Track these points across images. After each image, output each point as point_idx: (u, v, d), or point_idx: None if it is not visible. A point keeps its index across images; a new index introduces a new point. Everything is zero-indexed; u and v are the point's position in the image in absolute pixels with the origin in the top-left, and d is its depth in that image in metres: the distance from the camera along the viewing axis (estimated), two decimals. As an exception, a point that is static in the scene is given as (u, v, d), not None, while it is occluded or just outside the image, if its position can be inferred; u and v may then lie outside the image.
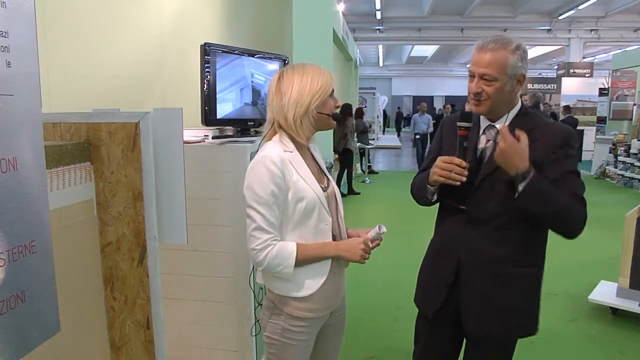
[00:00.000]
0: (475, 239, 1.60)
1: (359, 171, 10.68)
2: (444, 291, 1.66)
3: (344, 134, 8.20)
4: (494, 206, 1.55)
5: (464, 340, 1.77)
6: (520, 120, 1.57)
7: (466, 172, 1.51)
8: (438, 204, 1.75)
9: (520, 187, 1.46)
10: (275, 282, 1.53)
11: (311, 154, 1.63)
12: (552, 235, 1.60)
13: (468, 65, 1.64)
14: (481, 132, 1.62)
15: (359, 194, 8.54)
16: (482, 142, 1.61)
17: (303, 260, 1.48)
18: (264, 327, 1.59)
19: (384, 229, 1.54)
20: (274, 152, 1.46)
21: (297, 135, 1.50)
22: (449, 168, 1.52)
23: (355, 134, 9.30)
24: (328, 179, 1.63)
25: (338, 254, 1.53)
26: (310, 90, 1.47)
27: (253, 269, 1.83)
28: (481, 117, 1.62)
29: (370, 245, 1.54)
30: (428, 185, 1.62)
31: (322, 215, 1.51)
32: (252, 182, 1.44)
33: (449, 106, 13.95)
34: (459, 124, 1.57)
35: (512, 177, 1.46)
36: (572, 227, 1.52)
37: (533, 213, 1.50)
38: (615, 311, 3.57)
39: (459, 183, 1.52)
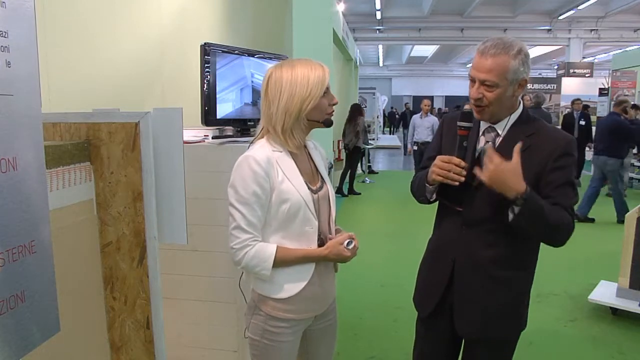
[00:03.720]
0: (470, 241, 1.60)
1: (359, 171, 10.68)
2: (439, 292, 1.67)
3: (356, 132, 8.23)
4: (489, 209, 1.54)
5: (462, 341, 1.77)
6: (521, 124, 1.56)
7: (464, 172, 1.50)
8: (437, 204, 1.75)
9: (517, 210, 1.43)
10: (257, 281, 1.53)
11: (308, 153, 1.60)
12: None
13: (468, 66, 1.64)
14: (480, 133, 1.61)
15: (359, 194, 8.54)
16: (482, 143, 1.60)
17: (283, 264, 1.46)
18: (247, 327, 1.57)
19: (352, 244, 1.53)
20: (260, 152, 1.43)
21: (286, 145, 1.46)
22: (447, 167, 1.51)
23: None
24: (323, 180, 1.59)
25: (328, 261, 1.54)
26: (299, 97, 1.41)
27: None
28: None
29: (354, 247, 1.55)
30: (427, 185, 1.62)
31: (307, 218, 1.48)
32: (235, 181, 1.43)
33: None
34: (459, 123, 1.56)
35: (510, 199, 1.43)
36: (558, 241, 1.53)
37: (525, 230, 1.50)
38: (615, 311, 3.57)
39: (457, 183, 1.51)
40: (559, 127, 8.37)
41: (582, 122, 8.86)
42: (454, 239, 1.63)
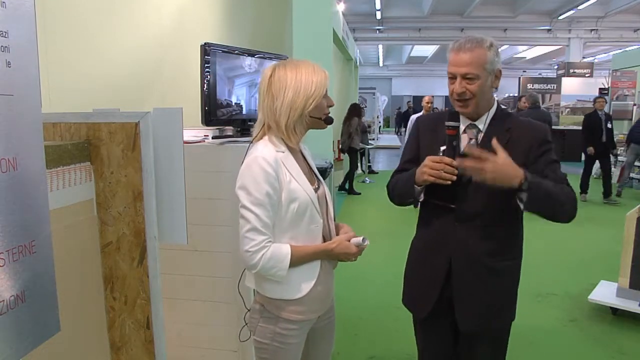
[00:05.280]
0: (465, 236, 1.63)
1: (359, 171, 10.69)
2: (437, 290, 1.68)
3: (349, 133, 8.26)
4: (481, 203, 1.59)
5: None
6: (498, 119, 1.63)
7: (456, 171, 1.53)
8: (420, 205, 1.75)
9: (525, 196, 1.48)
10: (266, 285, 1.51)
11: (302, 154, 1.61)
12: (552, 236, 1.60)
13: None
14: (462, 131, 1.64)
15: (359, 194, 8.54)
16: (465, 141, 1.64)
17: (296, 262, 1.47)
18: (252, 331, 1.56)
19: (367, 242, 1.55)
20: (268, 152, 1.44)
21: (288, 140, 1.48)
22: (438, 167, 1.53)
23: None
24: (318, 180, 1.61)
25: (331, 257, 1.55)
26: (304, 94, 1.43)
27: (242, 272, 1.81)
28: (461, 116, 1.63)
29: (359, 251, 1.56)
30: (415, 186, 1.63)
31: (313, 216, 1.50)
32: (247, 183, 1.42)
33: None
34: (447, 123, 1.59)
35: (515, 188, 1.48)
36: (568, 214, 1.58)
37: (539, 211, 1.55)
38: (615, 311, 3.57)
39: (449, 182, 1.53)
40: (579, 129, 7.85)
41: (610, 125, 7.66)
42: (447, 236, 1.65)
